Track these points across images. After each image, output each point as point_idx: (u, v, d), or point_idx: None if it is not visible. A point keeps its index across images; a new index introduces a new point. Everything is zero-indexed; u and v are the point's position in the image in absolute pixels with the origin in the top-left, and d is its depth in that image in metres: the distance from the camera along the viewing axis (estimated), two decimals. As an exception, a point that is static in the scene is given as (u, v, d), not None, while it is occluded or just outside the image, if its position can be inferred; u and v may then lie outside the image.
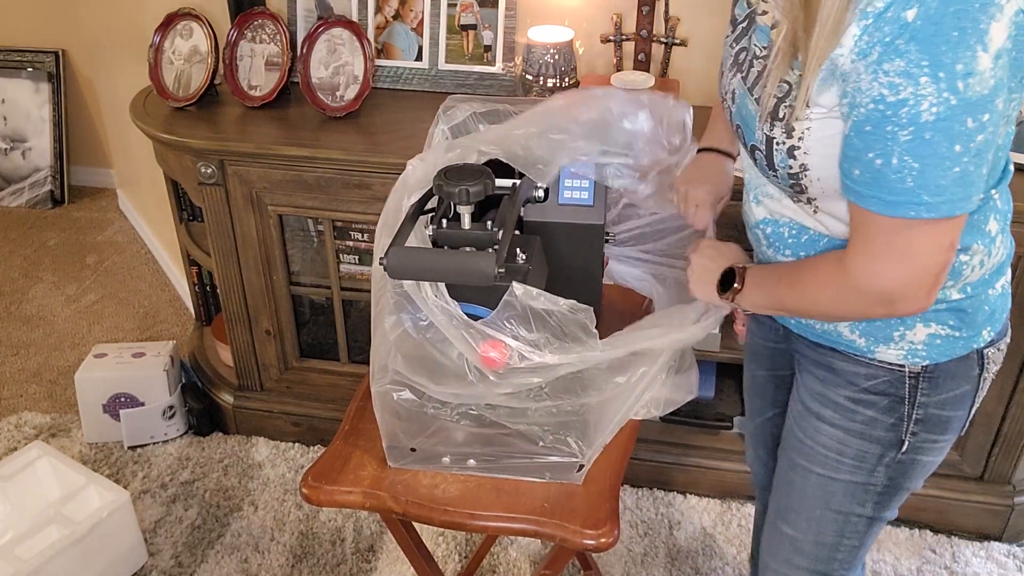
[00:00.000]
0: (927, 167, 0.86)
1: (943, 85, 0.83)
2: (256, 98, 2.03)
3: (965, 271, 1.04)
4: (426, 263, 1.06)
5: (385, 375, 1.15)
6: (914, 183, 0.87)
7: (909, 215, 0.89)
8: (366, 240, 2.03)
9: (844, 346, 1.12)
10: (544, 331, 1.08)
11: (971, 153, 0.86)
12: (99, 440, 2.30)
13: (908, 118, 0.85)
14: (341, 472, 1.24)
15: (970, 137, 0.85)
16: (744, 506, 2.09)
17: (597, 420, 1.19)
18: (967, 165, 0.86)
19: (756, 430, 1.48)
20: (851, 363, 1.12)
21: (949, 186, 0.87)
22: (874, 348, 1.10)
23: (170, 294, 2.95)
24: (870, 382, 1.12)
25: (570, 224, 1.25)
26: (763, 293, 1.11)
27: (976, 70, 0.83)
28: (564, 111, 1.21)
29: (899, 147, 0.86)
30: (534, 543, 2.01)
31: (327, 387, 2.22)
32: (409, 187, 1.19)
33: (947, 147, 0.85)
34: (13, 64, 3.42)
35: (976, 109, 0.84)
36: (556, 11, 2.02)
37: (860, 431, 1.14)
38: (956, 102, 0.83)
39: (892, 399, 1.11)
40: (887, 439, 1.13)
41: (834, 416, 1.15)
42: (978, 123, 0.85)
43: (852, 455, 1.15)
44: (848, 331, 1.10)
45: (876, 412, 1.12)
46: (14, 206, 3.51)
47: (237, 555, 2.00)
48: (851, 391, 1.13)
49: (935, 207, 0.88)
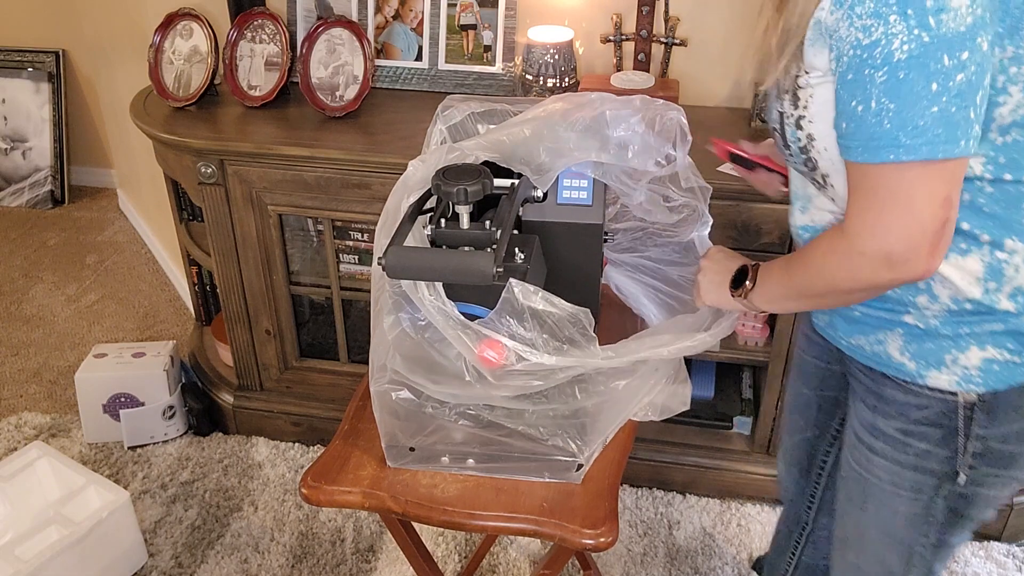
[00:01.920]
0: (903, 107, 0.84)
1: (912, 22, 0.81)
2: (256, 98, 2.03)
3: (1007, 271, 0.98)
4: (425, 263, 1.06)
5: (384, 375, 1.15)
6: (891, 124, 0.85)
7: (890, 158, 0.86)
8: (366, 240, 2.03)
9: (893, 370, 1.07)
10: (542, 331, 1.08)
11: (950, 93, 0.83)
12: (99, 440, 2.30)
13: (882, 58, 0.84)
14: (340, 472, 1.24)
15: (948, 76, 0.82)
16: (744, 506, 2.09)
17: (596, 420, 1.19)
18: (947, 105, 0.83)
19: (792, 447, 1.43)
20: (901, 391, 1.07)
21: (928, 126, 0.84)
22: (924, 373, 1.04)
23: (170, 294, 2.95)
24: (921, 412, 1.06)
25: (569, 224, 1.25)
26: (774, 283, 1.09)
27: (949, 5, 0.81)
28: (560, 115, 1.21)
29: (876, 89, 0.85)
30: (534, 543, 2.01)
31: (327, 387, 2.22)
32: (409, 188, 1.19)
33: (923, 85, 0.83)
34: (13, 64, 3.42)
35: (952, 46, 0.82)
36: (556, 11, 2.02)
37: (913, 464, 1.08)
38: (929, 39, 0.81)
39: (946, 431, 1.05)
40: (942, 471, 1.07)
41: (885, 448, 1.10)
42: (956, 61, 0.82)
43: (908, 487, 1.10)
44: (898, 352, 1.06)
45: (929, 444, 1.07)
46: (14, 206, 3.51)
47: (237, 555, 2.00)
48: (902, 422, 1.08)
49: (915, 148, 0.85)
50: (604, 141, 1.21)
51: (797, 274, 1.05)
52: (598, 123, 1.21)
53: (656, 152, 1.22)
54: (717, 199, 1.35)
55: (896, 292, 1.02)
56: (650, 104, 1.24)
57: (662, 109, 1.24)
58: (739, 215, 1.73)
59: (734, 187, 1.66)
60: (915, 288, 1.01)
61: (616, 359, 1.10)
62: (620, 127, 1.22)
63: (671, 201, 1.29)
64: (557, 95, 1.28)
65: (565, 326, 1.09)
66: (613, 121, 1.21)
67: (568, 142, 1.19)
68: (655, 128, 1.23)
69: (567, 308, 1.09)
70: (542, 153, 1.17)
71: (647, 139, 1.22)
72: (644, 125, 1.22)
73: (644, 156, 1.21)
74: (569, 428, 1.17)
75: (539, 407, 1.15)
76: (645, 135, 1.22)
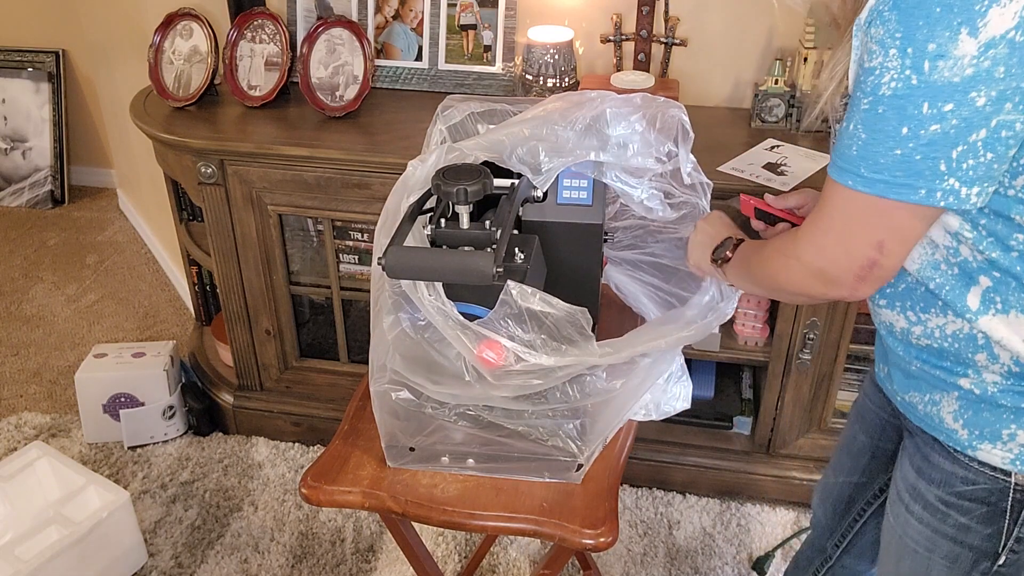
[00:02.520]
0: (871, 141, 0.83)
1: (907, 62, 0.79)
2: (256, 98, 2.03)
3: None
4: (424, 263, 1.06)
5: (383, 375, 1.15)
6: (857, 153, 0.85)
7: (847, 182, 0.86)
8: (366, 240, 2.03)
9: (944, 435, 1.01)
10: (540, 332, 1.08)
11: (919, 140, 0.81)
12: (99, 440, 2.30)
13: (871, 87, 0.82)
14: (340, 472, 1.24)
15: (921, 123, 0.80)
16: (744, 506, 2.09)
17: (596, 420, 1.18)
18: (911, 152, 0.81)
19: (834, 486, 1.38)
20: (948, 459, 1.01)
21: (888, 166, 0.83)
22: (977, 445, 0.97)
23: (170, 294, 2.95)
24: (966, 487, 1.00)
25: (569, 224, 1.24)
26: (743, 264, 1.09)
27: (951, 53, 0.77)
28: (559, 115, 1.21)
29: (858, 114, 0.84)
30: (534, 543, 2.01)
31: (327, 387, 2.22)
32: (409, 188, 1.19)
33: (894, 126, 0.81)
34: (13, 64, 3.42)
35: (937, 95, 0.79)
36: (556, 11, 2.02)
37: (951, 535, 1.03)
38: (916, 82, 0.79)
39: (991, 510, 0.99)
40: (982, 548, 1.02)
41: (923, 514, 1.05)
42: (936, 111, 0.79)
43: (943, 555, 1.05)
44: (951, 418, 0.99)
45: (970, 520, 1.01)
46: (14, 206, 3.51)
47: (237, 555, 2.00)
48: (944, 492, 1.02)
49: (870, 183, 0.84)
50: (604, 140, 1.20)
51: (755, 264, 1.05)
52: (598, 122, 1.21)
53: (656, 149, 1.22)
54: (717, 197, 1.35)
55: (955, 347, 0.96)
56: (651, 101, 1.24)
57: (663, 106, 1.24)
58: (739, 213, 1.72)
59: (734, 185, 1.66)
60: (974, 344, 0.95)
61: (614, 355, 1.10)
62: (620, 125, 1.22)
63: (672, 198, 1.29)
64: (557, 95, 1.28)
65: (564, 326, 1.09)
66: (613, 119, 1.21)
67: (568, 141, 1.19)
68: (656, 125, 1.23)
69: (564, 308, 1.09)
70: (541, 152, 1.17)
71: (647, 136, 1.22)
72: (645, 123, 1.22)
73: (644, 154, 1.21)
74: (569, 428, 1.17)
75: (539, 407, 1.15)
76: (645, 132, 1.22)
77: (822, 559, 1.45)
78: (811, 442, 2.01)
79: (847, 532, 1.38)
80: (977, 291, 0.92)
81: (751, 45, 1.97)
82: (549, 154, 1.17)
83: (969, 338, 0.95)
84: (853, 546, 1.39)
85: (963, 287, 0.93)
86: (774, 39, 1.95)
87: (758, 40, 1.96)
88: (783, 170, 1.74)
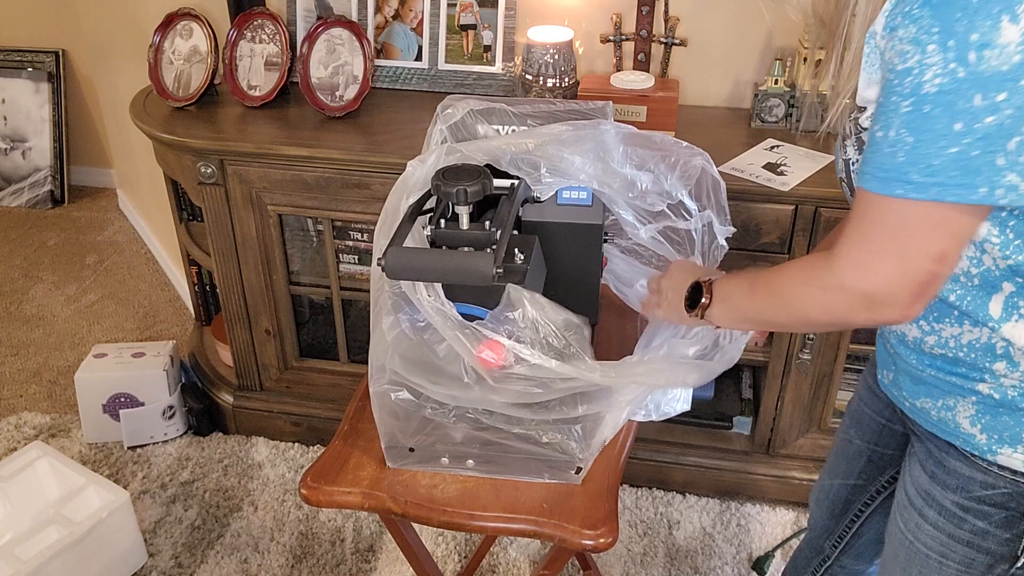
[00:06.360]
0: (921, 143, 0.79)
1: (951, 55, 0.76)
2: (256, 98, 2.03)
3: None
4: (424, 263, 1.06)
5: (383, 375, 1.15)
6: (905, 158, 0.80)
7: (896, 193, 0.81)
8: (366, 240, 2.03)
9: (961, 441, 0.98)
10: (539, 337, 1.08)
11: (975, 135, 0.77)
12: (99, 440, 2.31)
13: (911, 88, 0.78)
14: (340, 472, 1.24)
15: (976, 116, 0.77)
16: (743, 506, 2.09)
17: (595, 422, 1.18)
18: (968, 148, 0.77)
19: (829, 489, 1.36)
20: (966, 464, 0.98)
21: (942, 167, 0.78)
22: (997, 449, 0.95)
23: (170, 294, 2.95)
24: (985, 491, 0.98)
25: (569, 224, 1.24)
26: (734, 304, 1.04)
27: (995, 42, 0.75)
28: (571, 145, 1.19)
29: (898, 118, 0.80)
30: (533, 543, 2.01)
31: (327, 387, 2.22)
32: (408, 188, 1.19)
33: (945, 123, 0.78)
34: (13, 64, 3.42)
35: (989, 85, 0.76)
36: (556, 11, 2.02)
37: (967, 540, 1.01)
38: (964, 75, 0.76)
39: (1010, 514, 0.97)
40: (1000, 552, 1.00)
41: (938, 519, 1.02)
42: (989, 102, 0.76)
43: (958, 560, 1.03)
44: (968, 423, 0.97)
45: (988, 524, 0.99)
46: (14, 206, 3.51)
47: (237, 555, 2.00)
48: (961, 497, 1.00)
49: (924, 188, 0.79)
50: (612, 173, 1.19)
51: (762, 300, 1.00)
52: (611, 155, 1.20)
53: (669, 196, 1.21)
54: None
55: (971, 356, 0.95)
56: (673, 147, 1.22)
57: (686, 153, 1.22)
58: (739, 215, 1.72)
59: (734, 187, 1.66)
60: (992, 353, 0.93)
61: (616, 379, 1.09)
62: (635, 165, 1.20)
63: (678, 234, 1.28)
64: (582, 121, 1.24)
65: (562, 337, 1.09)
66: (625, 157, 1.21)
67: (572, 164, 1.19)
68: (675, 172, 1.21)
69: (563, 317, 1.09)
70: (543, 167, 1.17)
71: (661, 181, 1.20)
72: (664, 166, 1.21)
73: (655, 197, 1.20)
74: (568, 430, 1.17)
75: (538, 416, 1.15)
76: (660, 180, 1.21)
77: (820, 559, 1.45)
78: (811, 442, 2.01)
79: (844, 533, 1.38)
80: (999, 298, 0.91)
81: (751, 45, 1.97)
82: (553, 173, 1.17)
83: (987, 348, 0.93)
84: (851, 546, 1.39)
85: (985, 296, 0.91)
86: (774, 39, 1.95)
87: (758, 40, 1.96)
88: (783, 170, 1.74)
